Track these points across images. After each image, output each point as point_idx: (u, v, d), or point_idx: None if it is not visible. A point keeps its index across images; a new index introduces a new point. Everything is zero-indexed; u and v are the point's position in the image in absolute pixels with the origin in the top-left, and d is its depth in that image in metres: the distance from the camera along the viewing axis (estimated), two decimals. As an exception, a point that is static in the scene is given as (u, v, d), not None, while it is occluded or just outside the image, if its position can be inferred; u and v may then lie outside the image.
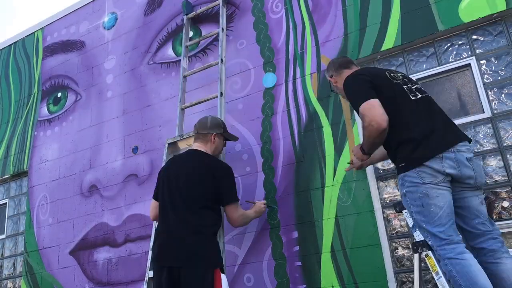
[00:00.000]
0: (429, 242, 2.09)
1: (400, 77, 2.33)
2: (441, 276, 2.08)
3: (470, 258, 1.97)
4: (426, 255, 2.18)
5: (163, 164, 3.19)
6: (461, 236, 2.10)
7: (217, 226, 2.61)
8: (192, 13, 4.04)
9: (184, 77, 3.74)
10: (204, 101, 3.56)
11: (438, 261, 2.12)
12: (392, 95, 2.21)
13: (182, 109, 3.60)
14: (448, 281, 2.09)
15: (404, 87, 2.26)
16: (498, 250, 2.08)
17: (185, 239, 2.44)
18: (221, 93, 3.37)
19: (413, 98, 2.22)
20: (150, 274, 2.87)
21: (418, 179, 2.09)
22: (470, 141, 2.22)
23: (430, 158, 2.07)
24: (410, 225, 2.27)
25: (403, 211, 2.32)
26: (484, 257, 2.07)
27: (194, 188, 2.57)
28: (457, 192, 2.12)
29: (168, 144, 3.38)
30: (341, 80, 2.51)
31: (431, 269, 2.14)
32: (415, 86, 2.30)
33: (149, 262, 3.01)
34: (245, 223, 2.90)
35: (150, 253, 2.92)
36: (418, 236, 2.22)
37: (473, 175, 2.11)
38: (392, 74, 2.33)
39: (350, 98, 2.34)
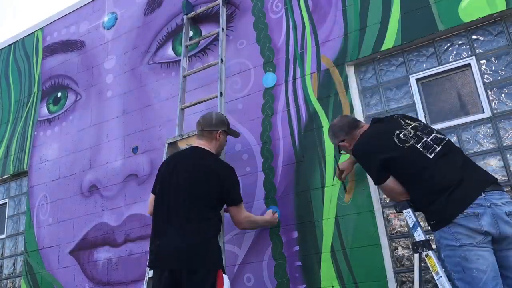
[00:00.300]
0: None
1: (412, 133, 2.24)
2: (441, 276, 2.07)
3: None
4: (426, 255, 2.17)
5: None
6: None
7: (218, 227, 2.59)
8: (192, 13, 4.04)
9: (184, 77, 3.74)
10: (204, 101, 3.56)
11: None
12: (406, 162, 2.16)
13: (182, 109, 3.60)
14: (451, 279, 2.06)
15: (418, 146, 2.18)
16: None
17: (187, 240, 2.39)
18: (221, 93, 3.37)
19: (431, 156, 2.13)
20: (150, 274, 2.86)
21: (454, 242, 1.95)
22: (500, 185, 2.08)
23: (462, 211, 1.93)
24: (411, 225, 2.27)
25: (404, 211, 2.31)
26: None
27: (197, 187, 2.51)
28: (499, 251, 1.96)
29: (168, 144, 3.38)
30: (353, 141, 2.51)
31: (431, 269, 2.13)
32: (431, 138, 2.21)
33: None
34: (252, 228, 2.89)
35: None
36: (418, 236, 2.21)
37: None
38: (402, 136, 2.23)
39: (365, 169, 2.44)
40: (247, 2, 3.86)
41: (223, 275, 2.41)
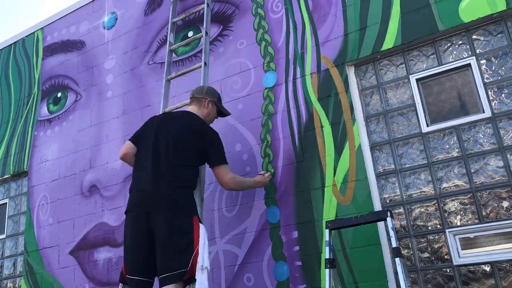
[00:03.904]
0: None
1: None
2: None
3: None
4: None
5: None
6: None
7: (195, 182, 2.70)
8: (176, 18, 3.98)
9: (168, 80, 3.63)
10: (187, 103, 3.42)
11: None
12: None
13: (165, 111, 3.52)
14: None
15: None
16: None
17: (165, 190, 2.50)
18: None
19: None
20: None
21: None
22: None
23: None
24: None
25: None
26: None
27: (181, 142, 2.64)
28: None
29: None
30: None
31: None
32: None
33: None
34: (241, 188, 2.98)
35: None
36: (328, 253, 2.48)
37: None
38: None
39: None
40: (247, 2, 3.86)
41: (199, 223, 2.52)
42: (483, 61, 2.95)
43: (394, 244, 2.36)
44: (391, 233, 2.39)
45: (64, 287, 4.15)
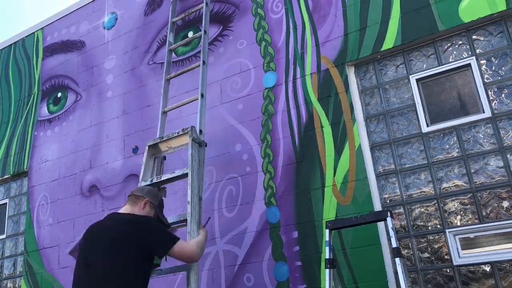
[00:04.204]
0: None
1: None
2: None
3: None
4: None
5: (142, 170, 3.13)
6: None
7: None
8: (176, 18, 3.98)
9: (167, 80, 3.63)
10: (186, 103, 3.47)
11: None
12: None
13: (164, 112, 3.53)
14: None
15: None
16: None
17: None
18: (202, 95, 3.34)
19: None
20: None
21: None
22: None
23: None
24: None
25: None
26: None
27: (112, 255, 2.24)
28: None
29: (149, 146, 3.32)
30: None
31: None
32: None
33: None
34: (203, 249, 2.58)
35: None
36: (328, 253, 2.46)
37: None
38: None
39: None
40: (247, 2, 3.86)
41: None
42: (483, 61, 2.95)
43: (394, 244, 2.36)
44: (391, 233, 2.39)
45: (64, 287, 4.15)
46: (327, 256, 2.52)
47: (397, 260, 2.33)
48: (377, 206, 2.97)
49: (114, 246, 2.26)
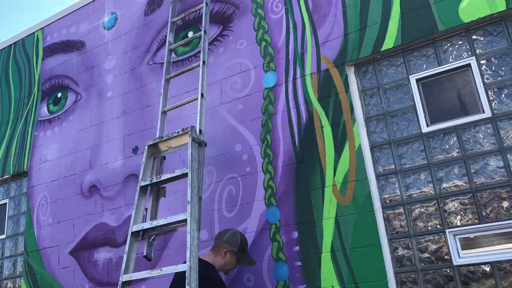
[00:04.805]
0: None
1: None
2: None
3: None
4: None
5: (141, 170, 3.16)
6: None
7: None
8: (176, 18, 3.98)
9: (167, 80, 3.64)
10: (186, 103, 3.48)
11: None
12: None
13: (164, 112, 3.53)
14: None
15: None
16: None
17: None
18: (202, 95, 3.34)
19: None
20: (124, 278, 2.86)
21: None
22: None
23: None
24: None
25: None
26: None
27: None
28: None
29: (148, 146, 3.32)
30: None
31: None
32: None
33: (123, 266, 2.93)
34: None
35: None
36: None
37: None
38: None
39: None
40: (247, 2, 3.86)
41: None
42: (483, 61, 2.95)
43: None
44: None
45: (64, 287, 4.15)
46: None
47: None
48: (377, 206, 2.97)
49: None
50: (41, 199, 4.60)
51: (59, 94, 4.87)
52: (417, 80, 3.10)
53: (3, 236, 4.93)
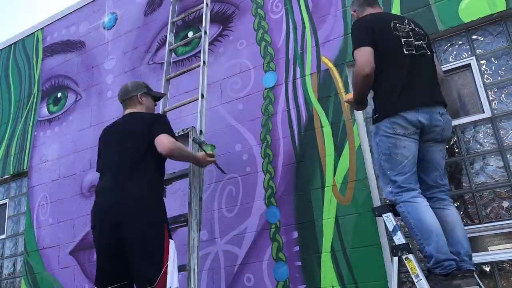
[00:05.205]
0: (389, 189, 2.26)
1: (407, 29, 2.38)
2: (421, 279, 2.12)
3: (421, 201, 2.18)
4: (406, 258, 2.19)
5: None
6: (418, 185, 2.25)
7: (159, 182, 2.56)
8: (176, 18, 3.98)
9: (167, 80, 3.62)
10: (186, 103, 3.48)
11: (394, 208, 2.27)
12: (386, 47, 2.30)
13: (164, 112, 3.52)
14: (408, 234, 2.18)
15: (402, 40, 2.33)
16: (446, 199, 2.31)
17: (128, 195, 2.37)
18: (202, 95, 3.34)
19: (406, 52, 2.31)
20: None
21: (390, 130, 2.24)
22: (446, 105, 2.34)
23: (406, 110, 2.20)
24: (390, 229, 2.29)
25: (383, 215, 2.33)
26: (433, 203, 2.26)
27: (130, 141, 2.52)
28: (424, 144, 2.28)
29: None
30: (361, 14, 2.58)
31: (410, 272, 2.18)
32: (417, 43, 2.36)
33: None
34: (180, 154, 2.59)
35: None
36: (398, 239, 2.25)
37: (441, 125, 2.26)
38: (398, 25, 2.37)
39: (352, 41, 2.44)
40: (247, 2, 3.86)
41: (170, 240, 2.38)
42: (483, 61, 2.95)
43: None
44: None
45: (64, 287, 4.15)
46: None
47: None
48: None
49: (132, 136, 2.55)
50: (41, 199, 4.60)
51: (59, 94, 4.87)
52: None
53: (3, 236, 4.93)
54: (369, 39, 2.30)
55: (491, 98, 2.87)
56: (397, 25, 2.37)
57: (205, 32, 3.60)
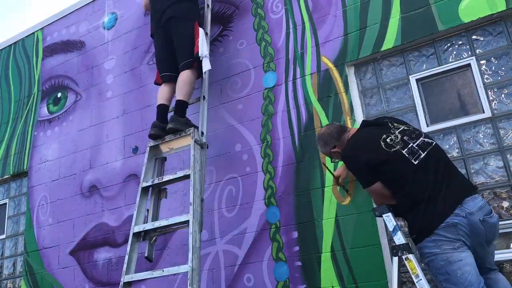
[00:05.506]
0: None
1: (399, 138, 2.29)
2: (421, 279, 2.13)
3: None
4: (406, 258, 2.20)
5: (143, 171, 3.23)
6: None
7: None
8: None
9: None
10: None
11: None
12: (391, 168, 2.23)
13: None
14: (431, 281, 2.18)
15: (404, 152, 2.24)
16: (494, 269, 2.24)
17: (177, 6, 3.44)
18: (204, 97, 3.36)
19: (415, 162, 2.19)
20: (125, 279, 2.88)
21: (436, 249, 2.08)
22: (476, 189, 2.19)
23: (441, 223, 2.06)
24: (391, 229, 2.29)
25: (383, 215, 2.33)
26: (483, 275, 2.13)
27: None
28: (476, 250, 2.14)
29: (150, 147, 3.33)
30: (343, 146, 2.56)
31: (411, 272, 2.18)
32: (417, 143, 2.26)
33: (125, 266, 2.97)
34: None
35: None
36: (398, 239, 2.24)
37: (485, 236, 2.11)
38: (388, 141, 2.29)
39: (353, 173, 2.51)
40: (247, 2, 3.86)
41: (199, 27, 3.35)
42: (483, 62, 2.95)
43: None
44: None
45: (64, 287, 4.15)
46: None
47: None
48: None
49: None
50: (41, 199, 4.60)
51: (59, 94, 4.87)
52: (417, 80, 3.10)
53: (3, 236, 4.93)
54: (369, 173, 2.27)
55: (491, 98, 2.87)
56: (388, 139, 2.29)
57: (206, 33, 3.60)
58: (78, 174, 4.40)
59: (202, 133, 3.24)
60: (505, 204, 2.70)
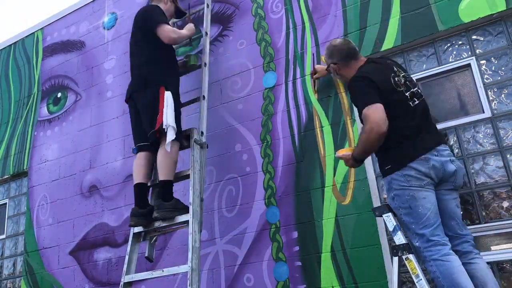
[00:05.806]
0: (416, 244, 2.19)
1: (403, 80, 2.40)
2: (421, 279, 2.14)
3: (454, 260, 2.08)
4: (407, 258, 2.21)
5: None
6: (447, 238, 2.17)
7: (158, 56, 3.17)
8: (177, 19, 3.97)
9: None
10: (186, 104, 3.51)
11: (422, 262, 2.20)
12: (393, 102, 2.30)
13: None
14: (431, 281, 2.17)
15: (406, 94, 2.35)
16: (471, 251, 2.23)
17: (140, 72, 3.13)
18: (204, 97, 3.35)
19: (412, 104, 2.34)
20: (126, 279, 2.88)
21: (405, 183, 2.22)
22: (446, 141, 2.37)
23: (416, 158, 2.20)
24: (391, 229, 2.30)
25: (383, 215, 2.34)
26: (459, 258, 2.16)
27: (138, 34, 3.27)
28: (440, 194, 2.27)
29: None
30: (348, 70, 2.56)
31: (411, 272, 2.19)
32: (414, 90, 2.40)
33: (125, 267, 2.97)
34: (180, 37, 3.22)
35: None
36: (398, 239, 2.26)
37: (454, 177, 2.27)
38: (397, 79, 2.38)
39: (355, 99, 2.42)
40: (247, 2, 3.86)
41: (166, 91, 2.97)
42: (483, 62, 2.95)
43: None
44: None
45: (64, 287, 4.15)
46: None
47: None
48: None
49: (138, 29, 3.38)
50: (41, 199, 4.60)
51: (59, 94, 4.87)
52: (417, 80, 3.10)
53: (3, 236, 4.93)
54: (376, 95, 2.27)
55: (491, 98, 2.87)
56: (396, 78, 2.38)
57: (206, 33, 3.60)
58: (78, 174, 4.40)
59: (202, 133, 3.24)
60: (505, 204, 2.70)
